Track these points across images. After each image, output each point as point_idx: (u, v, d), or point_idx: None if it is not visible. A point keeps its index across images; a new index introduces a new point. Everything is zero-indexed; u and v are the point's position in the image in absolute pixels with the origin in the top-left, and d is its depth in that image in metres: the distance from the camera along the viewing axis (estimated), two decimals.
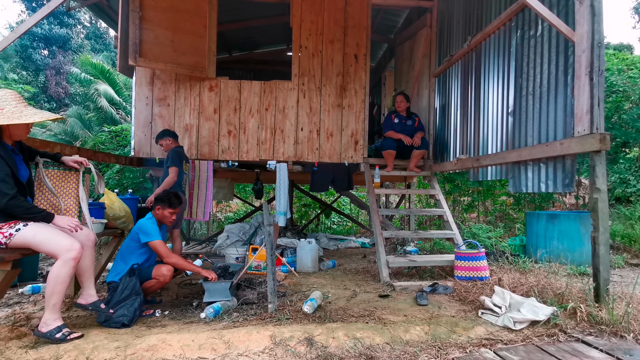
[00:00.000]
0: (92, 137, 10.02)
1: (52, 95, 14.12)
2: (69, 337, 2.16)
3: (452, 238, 4.24)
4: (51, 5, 2.81)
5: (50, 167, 2.62)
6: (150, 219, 2.99)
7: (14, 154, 2.26)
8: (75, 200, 2.68)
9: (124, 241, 2.97)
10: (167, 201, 3.03)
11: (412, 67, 5.56)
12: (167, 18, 4.39)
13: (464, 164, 4.19)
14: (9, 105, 2.14)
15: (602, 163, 2.56)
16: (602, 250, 2.53)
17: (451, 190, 7.89)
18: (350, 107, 4.93)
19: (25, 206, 2.14)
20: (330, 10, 4.91)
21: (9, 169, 2.12)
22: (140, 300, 2.63)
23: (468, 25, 4.41)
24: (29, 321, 2.61)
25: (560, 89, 3.01)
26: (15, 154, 2.26)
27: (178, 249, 3.91)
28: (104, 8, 5.39)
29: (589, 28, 2.62)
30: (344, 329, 2.32)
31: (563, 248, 4.45)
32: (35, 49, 14.53)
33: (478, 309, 2.71)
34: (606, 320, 2.33)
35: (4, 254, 2.08)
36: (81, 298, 2.49)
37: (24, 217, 2.16)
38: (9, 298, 3.20)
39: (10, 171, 2.13)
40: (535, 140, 3.25)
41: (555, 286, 2.91)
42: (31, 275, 3.80)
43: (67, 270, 2.16)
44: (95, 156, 4.23)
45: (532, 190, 3.24)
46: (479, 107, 4.16)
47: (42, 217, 2.20)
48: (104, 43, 17.88)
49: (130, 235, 2.94)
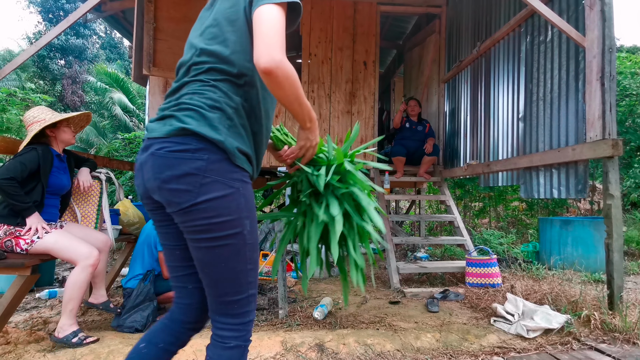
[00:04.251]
0: (107, 144, 10.23)
1: (69, 104, 14.48)
2: (85, 341, 2.21)
3: (463, 244, 4.21)
4: (70, 19, 2.91)
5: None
6: None
7: (59, 161, 2.40)
8: (93, 208, 2.76)
9: (136, 245, 3.00)
10: None
11: (422, 72, 5.58)
12: (180, 29, 4.50)
13: (474, 169, 4.17)
14: (47, 115, 2.35)
15: (615, 169, 2.53)
16: (616, 257, 2.49)
17: (462, 196, 7.82)
18: (359, 113, 4.95)
19: (14, 192, 2.12)
20: (339, 18, 4.97)
21: (36, 167, 2.21)
22: (154, 306, 2.68)
23: (477, 32, 4.41)
24: (46, 325, 2.68)
25: (571, 94, 2.99)
26: (60, 161, 2.41)
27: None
28: (120, 20, 5.54)
29: (599, 33, 2.61)
30: (355, 336, 2.32)
31: (577, 254, 4.38)
32: (52, 59, 14.94)
33: (490, 317, 2.68)
34: (619, 327, 2.29)
35: (24, 260, 2.14)
36: (92, 297, 2.60)
37: (8, 201, 2.16)
38: (27, 303, 3.28)
39: (36, 169, 2.21)
40: (547, 145, 3.23)
41: (569, 294, 2.87)
42: (48, 281, 3.89)
43: (85, 276, 2.23)
44: (110, 163, 4.33)
45: (544, 196, 3.21)
46: (489, 112, 4.15)
47: (21, 210, 2.17)
48: (118, 52, 18.30)
49: (144, 240, 2.92)
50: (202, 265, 1.05)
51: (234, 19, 1.07)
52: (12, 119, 6.31)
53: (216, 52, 1.06)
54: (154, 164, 1.00)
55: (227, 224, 1.01)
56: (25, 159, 2.20)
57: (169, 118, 1.02)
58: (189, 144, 0.98)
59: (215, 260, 1.03)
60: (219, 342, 1.07)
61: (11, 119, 6.30)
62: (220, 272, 1.04)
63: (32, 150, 2.24)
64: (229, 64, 1.06)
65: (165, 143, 0.99)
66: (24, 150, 2.26)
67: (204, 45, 1.08)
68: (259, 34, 0.97)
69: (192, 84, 1.05)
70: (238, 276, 1.06)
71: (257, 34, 0.98)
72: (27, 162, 2.19)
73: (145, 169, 1.03)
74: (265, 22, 0.97)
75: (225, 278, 1.05)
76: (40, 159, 2.24)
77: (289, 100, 1.02)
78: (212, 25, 1.10)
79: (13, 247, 2.17)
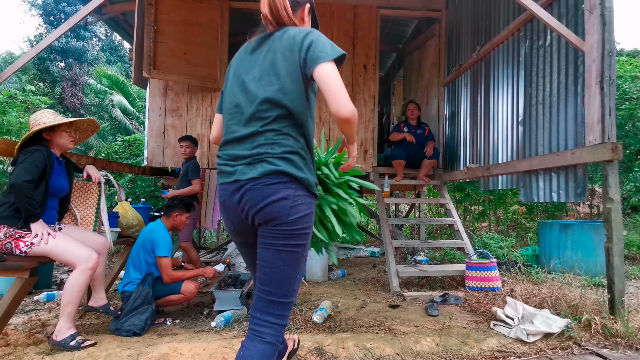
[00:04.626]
0: (106, 146, 10.23)
1: (68, 106, 14.48)
2: (83, 344, 2.21)
3: (462, 247, 4.20)
4: (71, 22, 2.92)
5: (75, 178, 2.72)
6: (164, 229, 3.00)
7: (58, 163, 2.39)
8: (92, 210, 2.75)
9: (132, 248, 2.98)
10: (186, 207, 3.15)
11: (421, 76, 5.59)
12: (181, 31, 4.51)
13: (474, 173, 4.17)
14: (48, 119, 2.34)
15: (614, 173, 2.53)
16: (616, 261, 2.49)
17: (462, 199, 7.82)
18: (359, 116, 4.96)
19: (30, 195, 2.13)
20: (339, 22, 4.98)
21: (44, 167, 2.21)
22: (152, 310, 2.67)
23: (476, 36, 4.43)
24: (44, 328, 2.67)
25: (571, 98, 2.99)
26: (59, 164, 2.40)
27: (194, 257, 4.02)
28: (120, 22, 5.56)
29: (599, 37, 2.62)
30: (354, 339, 2.31)
31: (577, 258, 4.38)
32: (53, 62, 14.95)
33: (490, 321, 2.68)
34: (621, 332, 2.28)
35: (23, 262, 2.14)
36: (92, 301, 2.58)
37: (20, 203, 2.14)
38: (25, 305, 3.27)
39: (43, 169, 2.21)
40: (546, 149, 3.23)
41: (569, 297, 2.86)
42: (46, 283, 3.88)
43: (84, 279, 2.22)
44: (110, 166, 4.33)
45: (543, 200, 3.21)
46: (488, 116, 4.16)
47: (31, 214, 2.17)
48: (118, 55, 18.33)
49: (141, 243, 2.91)
50: (265, 263, 1.31)
51: (291, 71, 1.30)
52: (12, 121, 6.30)
53: (280, 102, 1.30)
54: (253, 195, 1.29)
55: (302, 236, 1.32)
56: (35, 159, 2.19)
57: (260, 163, 1.30)
58: (280, 179, 1.28)
59: (278, 262, 1.30)
60: (257, 336, 1.30)
61: (11, 121, 6.29)
62: (277, 272, 1.30)
63: (37, 152, 2.23)
64: (291, 112, 1.31)
65: (261, 179, 1.28)
66: (28, 151, 2.22)
67: (268, 95, 1.31)
68: (331, 91, 1.22)
69: (267, 134, 1.31)
70: (289, 281, 1.32)
71: (328, 90, 1.23)
72: (39, 163, 2.19)
73: (243, 202, 1.32)
74: (330, 79, 1.22)
75: (279, 280, 1.30)
76: (46, 159, 2.24)
77: (352, 133, 1.37)
78: (269, 75, 1.33)
79: (12, 249, 2.16)
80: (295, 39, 1.30)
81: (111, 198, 6.45)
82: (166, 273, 2.85)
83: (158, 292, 2.84)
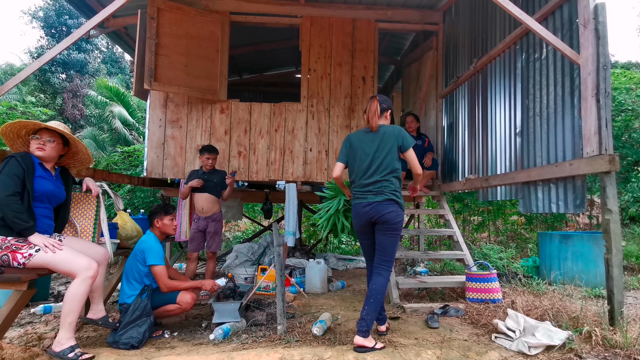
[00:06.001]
0: (106, 157, 10.24)
1: (69, 118, 14.54)
2: (81, 357, 2.18)
3: (462, 259, 4.19)
4: (75, 35, 2.95)
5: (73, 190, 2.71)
6: (154, 238, 2.95)
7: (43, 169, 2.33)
8: (90, 221, 2.75)
9: (127, 261, 2.94)
10: (164, 209, 3.03)
11: (419, 88, 5.65)
12: (182, 44, 4.57)
13: (473, 184, 4.19)
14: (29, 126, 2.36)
15: (612, 184, 2.55)
16: (615, 272, 2.49)
17: (461, 210, 7.82)
18: (358, 128, 4.99)
19: (18, 210, 2.11)
20: (338, 35, 5.06)
21: (22, 174, 2.17)
22: (150, 322, 2.64)
23: (473, 48, 4.49)
24: (41, 341, 2.64)
25: (567, 110, 3.03)
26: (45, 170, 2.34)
27: (211, 269, 4.10)
28: (122, 35, 5.63)
29: (593, 51, 2.67)
30: (354, 352, 2.29)
31: (577, 269, 4.37)
32: (54, 73, 15.06)
33: (491, 333, 2.66)
34: (620, 343, 2.27)
35: (21, 274, 2.12)
36: (91, 313, 2.55)
37: (9, 220, 2.12)
38: (21, 318, 3.23)
39: (23, 177, 2.18)
40: (544, 160, 3.25)
41: (570, 309, 2.85)
42: (43, 295, 3.85)
43: (85, 288, 2.20)
44: (110, 177, 4.33)
45: (542, 211, 3.22)
46: (486, 127, 4.19)
47: (24, 229, 2.15)
48: (119, 67, 18.49)
49: (134, 255, 2.88)
50: (383, 244, 2.57)
51: (395, 150, 2.59)
52: None
53: (393, 166, 2.58)
54: (378, 208, 2.53)
55: (399, 229, 2.58)
56: (10, 169, 2.16)
57: (381, 194, 2.54)
58: (393, 202, 2.55)
59: (389, 242, 2.56)
60: (377, 274, 2.54)
61: None
62: (388, 247, 2.57)
63: (10, 159, 2.20)
64: (396, 169, 2.60)
65: (382, 201, 2.54)
66: (2, 163, 2.19)
67: (388, 163, 2.57)
68: (413, 162, 2.60)
69: (385, 182, 2.56)
70: (394, 249, 2.59)
71: (412, 161, 2.60)
72: (16, 171, 2.16)
73: (371, 212, 2.54)
74: (413, 157, 2.60)
75: (389, 250, 2.57)
76: (21, 163, 2.19)
77: (420, 180, 2.84)
78: (387, 152, 2.57)
79: (10, 261, 2.15)
80: (393, 132, 2.60)
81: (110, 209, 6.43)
82: (162, 282, 2.82)
83: (155, 301, 2.81)
